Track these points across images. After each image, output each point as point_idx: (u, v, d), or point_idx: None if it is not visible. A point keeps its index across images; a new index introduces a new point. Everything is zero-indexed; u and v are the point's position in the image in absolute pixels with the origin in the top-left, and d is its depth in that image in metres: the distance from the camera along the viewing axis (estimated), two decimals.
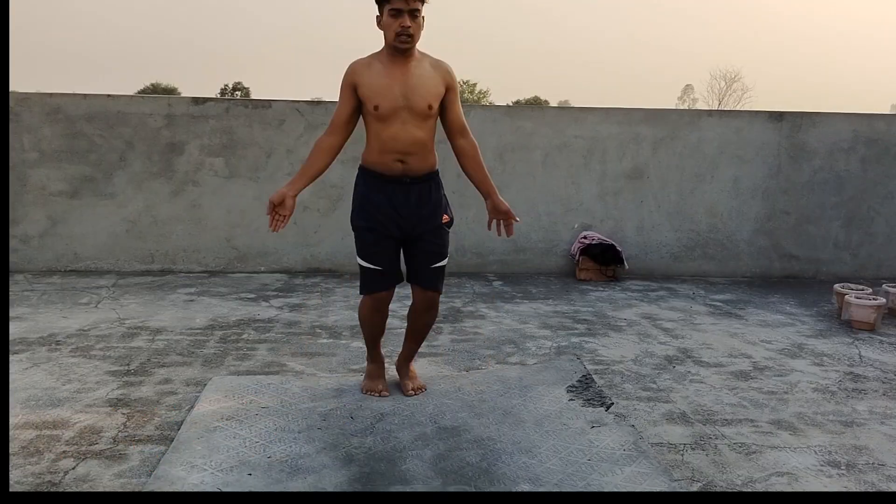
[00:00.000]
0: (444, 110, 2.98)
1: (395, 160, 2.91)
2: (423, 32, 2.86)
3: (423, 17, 2.85)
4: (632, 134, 5.85)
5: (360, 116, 2.98)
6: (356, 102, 2.92)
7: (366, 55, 2.96)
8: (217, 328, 4.14)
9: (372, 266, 3.00)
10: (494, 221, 3.10)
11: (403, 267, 3.11)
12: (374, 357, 3.26)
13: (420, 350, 3.81)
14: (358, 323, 3.27)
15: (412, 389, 3.21)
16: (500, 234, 3.12)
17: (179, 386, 3.21)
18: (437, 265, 3.08)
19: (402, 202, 2.95)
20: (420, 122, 2.89)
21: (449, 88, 2.95)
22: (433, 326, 3.34)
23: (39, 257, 5.54)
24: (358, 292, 3.19)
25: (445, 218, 3.07)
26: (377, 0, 2.85)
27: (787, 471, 2.56)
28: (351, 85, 2.91)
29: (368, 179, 3.00)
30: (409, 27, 2.77)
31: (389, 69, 2.87)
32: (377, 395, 3.15)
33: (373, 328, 3.19)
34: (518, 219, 3.09)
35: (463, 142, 3.04)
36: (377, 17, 2.86)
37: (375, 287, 3.05)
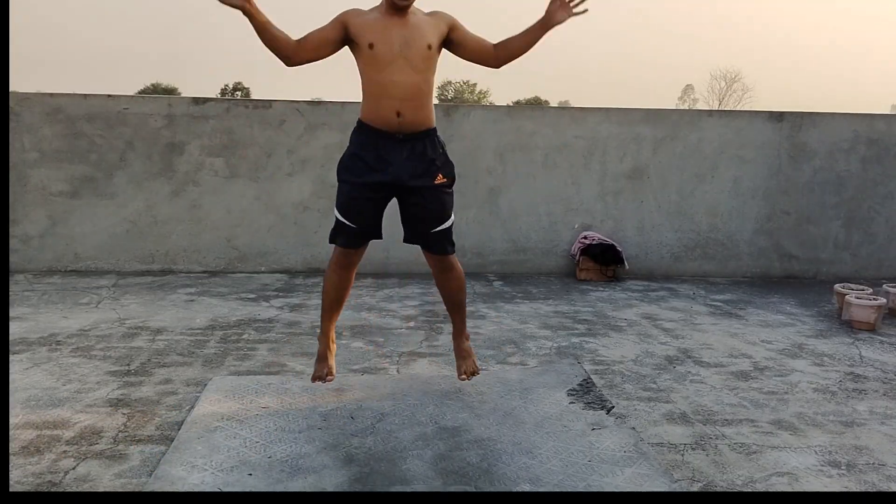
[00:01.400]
0: (463, 46, 2.93)
1: (392, 109, 2.83)
2: None
3: None
4: (632, 134, 5.85)
5: (356, 64, 2.90)
6: (336, 36, 2.84)
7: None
8: (217, 328, 4.14)
9: (346, 222, 2.95)
10: (559, 8, 2.94)
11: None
12: (328, 335, 3.15)
13: (420, 350, 3.82)
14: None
15: (464, 373, 3.17)
16: (576, 12, 2.97)
17: (180, 386, 3.21)
18: (438, 229, 3.00)
19: (392, 158, 2.88)
20: (418, 68, 2.83)
21: (452, 27, 2.91)
22: (464, 294, 3.21)
23: (40, 257, 5.54)
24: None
25: (440, 178, 2.95)
26: None
27: (787, 471, 2.56)
28: (341, 21, 2.85)
29: (362, 134, 2.94)
30: None
31: (386, 17, 2.83)
32: (323, 380, 3.07)
33: (335, 289, 3.09)
34: None
35: (497, 52, 2.96)
36: None
37: (345, 242, 3.00)
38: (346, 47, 2.92)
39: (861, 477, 2.53)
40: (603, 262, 5.64)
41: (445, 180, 2.98)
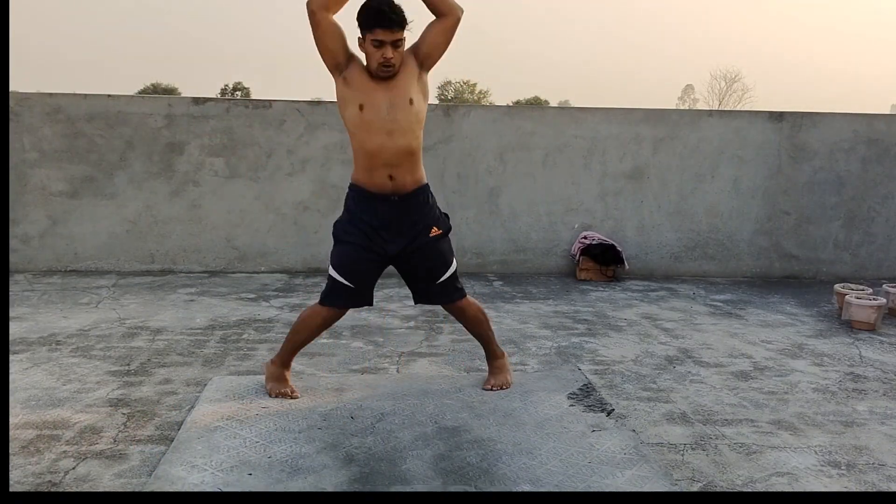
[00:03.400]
0: (434, 49, 2.91)
1: (385, 175, 2.88)
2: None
3: (405, 39, 2.83)
4: (632, 134, 5.85)
5: (341, 115, 2.95)
6: (341, 50, 2.84)
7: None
8: (217, 328, 4.14)
9: (345, 282, 2.96)
10: None
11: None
12: (287, 363, 3.14)
13: (420, 350, 3.82)
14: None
15: (492, 386, 3.21)
16: None
17: (180, 386, 3.21)
18: (443, 279, 3.04)
19: (389, 221, 2.92)
20: (405, 128, 2.85)
21: (415, 54, 2.90)
22: (485, 326, 3.25)
23: (39, 257, 5.54)
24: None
25: (435, 231, 3.00)
26: (359, 23, 2.80)
27: (787, 471, 2.56)
28: (351, 55, 2.87)
29: (357, 197, 2.97)
30: (392, 58, 2.78)
31: (374, 80, 2.86)
32: (288, 397, 3.06)
33: (307, 339, 3.12)
34: None
35: (436, 14, 2.90)
36: (359, 38, 2.82)
37: (338, 302, 3.01)
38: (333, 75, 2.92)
39: (861, 477, 2.53)
40: (603, 262, 5.64)
41: (441, 231, 3.03)
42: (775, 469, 2.58)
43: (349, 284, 2.97)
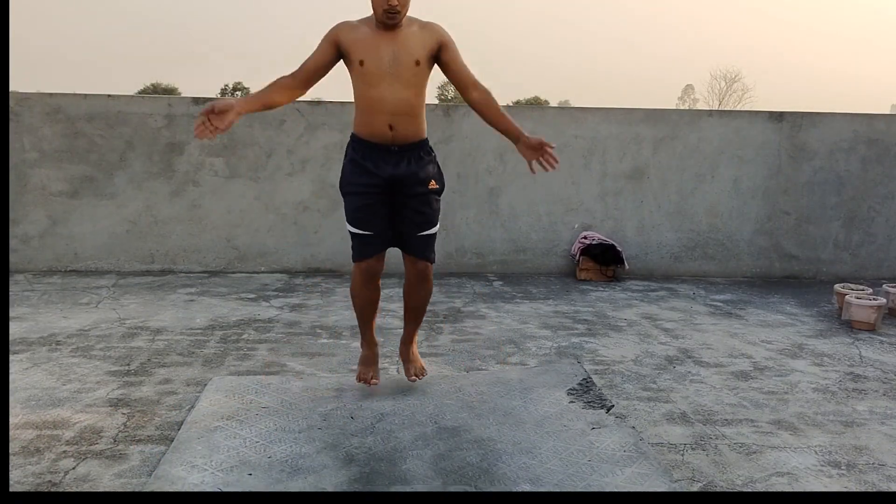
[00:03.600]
0: (447, 70, 2.94)
1: (385, 124, 2.86)
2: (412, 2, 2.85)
3: None
4: (632, 134, 5.85)
5: (350, 78, 2.94)
6: (331, 58, 2.87)
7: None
8: (217, 328, 4.14)
9: (361, 231, 2.98)
10: (534, 162, 3.01)
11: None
12: (369, 341, 3.21)
13: (420, 350, 3.82)
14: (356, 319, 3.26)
15: (414, 375, 3.22)
16: (547, 169, 3.02)
17: (180, 386, 3.21)
18: (425, 233, 3.04)
19: (389, 169, 2.92)
20: (408, 83, 2.85)
21: (443, 45, 2.89)
22: (429, 305, 3.27)
23: (39, 257, 5.54)
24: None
25: (433, 184, 3.01)
26: None
27: (787, 471, 2.56)
28: (332, 40, 2.86)
29: (357, 145, 2.97)
30: (396, 5, 2.75)
31: (377, 31, 2.84)
32: (367, 383, 3.14)
33: (365, 304, 3.14)
34: (554, 144, 2.98)
35: (476, 94, 2.95)
36: None
37: (366, 252, 3.02)
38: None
39: (861, 477, 2.54)
40: (603, 262, 5.64)
41: (437, 186, 3.04)
42: (775, 469, 2.58)
43: (367, 233, 2.97)
